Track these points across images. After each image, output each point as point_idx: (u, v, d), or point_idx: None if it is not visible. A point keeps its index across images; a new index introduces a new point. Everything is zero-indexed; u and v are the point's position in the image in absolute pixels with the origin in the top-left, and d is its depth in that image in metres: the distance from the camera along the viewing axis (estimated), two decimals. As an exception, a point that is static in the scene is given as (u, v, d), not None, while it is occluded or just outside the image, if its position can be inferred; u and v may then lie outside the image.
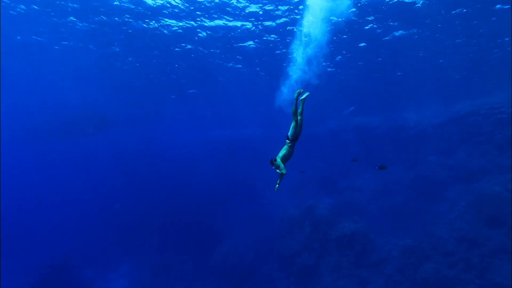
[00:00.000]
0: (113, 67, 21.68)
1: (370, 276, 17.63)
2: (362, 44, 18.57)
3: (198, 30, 16.52)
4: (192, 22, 15.76)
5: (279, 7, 14.47)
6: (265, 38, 17.53)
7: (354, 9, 14.32)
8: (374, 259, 18.39)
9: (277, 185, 4.79)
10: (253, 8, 14.65)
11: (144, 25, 15.90)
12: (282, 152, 4.68)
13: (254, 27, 16.39)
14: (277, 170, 4.52)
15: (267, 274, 21.09)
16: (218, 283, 21.56)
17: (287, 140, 4.69)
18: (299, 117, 4.52)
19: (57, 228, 34.70)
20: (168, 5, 14.19)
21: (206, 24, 15.93)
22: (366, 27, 16.43)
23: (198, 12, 14.86)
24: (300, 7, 14.25)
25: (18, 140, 40.97)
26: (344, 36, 17.40)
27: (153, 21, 15.63)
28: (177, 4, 14.11)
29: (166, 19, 15.48)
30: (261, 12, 15.00)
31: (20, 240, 33.39)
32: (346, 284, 17.23)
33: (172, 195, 33.42)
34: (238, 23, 16.01)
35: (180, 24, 15.87)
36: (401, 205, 22.93)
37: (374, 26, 16.32)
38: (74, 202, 40.90)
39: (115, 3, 13.95)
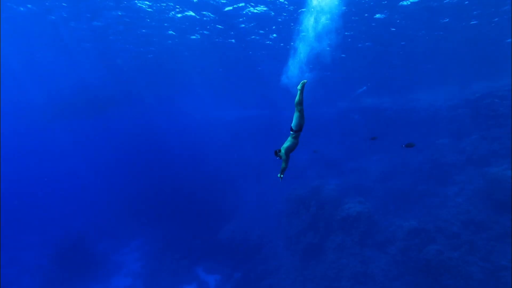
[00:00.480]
0: (115, 46, 21.45)
1: (373, 255, 18.00)
2: (378, 16, 17.48)
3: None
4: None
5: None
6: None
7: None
8: (378, 239, 18.67)
9: (280, 175, 4.68)
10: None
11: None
12: (287, 143, 4.63)
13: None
14: (283, 164, 4.53)
15: (273, 252, 21.81)
16: (224, 258, 22.47)
17: (291, 132, 4.60)
18: (299, 107, 4.40)
19: (73, 204, 36.34)
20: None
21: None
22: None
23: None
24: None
25: (37, 118, 41.80)
26: (357, 9, 16.42)
27: None
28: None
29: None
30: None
31: (39, 215, 35.32)
32: (349, 262, 17.65)
33: (182, 173, 34.15)
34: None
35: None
36: (408, 188, 22.85)
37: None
38: (89, 180, 42.36)
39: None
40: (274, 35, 19.81)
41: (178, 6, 15.90)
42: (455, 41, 21.35)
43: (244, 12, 16.72)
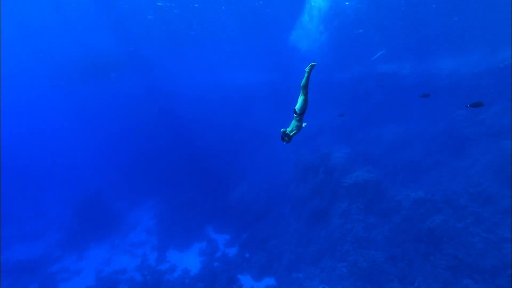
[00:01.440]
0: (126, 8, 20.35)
1: (377, 223, 18.53)
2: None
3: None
4: None
5: None
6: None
7: None
8: (384, 207, 19.03)
9: (288, 131, 4.71)
10: None
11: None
12: (291, 126, 4.65)
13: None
14: (292, 130, 4.64)
15: (279, 215, 22.72)
16: (233, 220, 23.64)
17: (294, 114, 4.54)
18: (303, 90, 4.29)
19: (90, 166, 38.05)
20: None
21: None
22: None
23: None
24: None
25: (57, 81, 41.97)
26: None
27: None
28: None
29: None
30: None
31: (59, 176, 37.36)
32: (353, 228, 18.30)
33: (194, 137, 34.57)
34: None
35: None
36: (418, 158, 22.58)
37: None
38: (105, 143, 43.61)
39: None
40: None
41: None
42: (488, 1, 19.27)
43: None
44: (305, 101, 4.28)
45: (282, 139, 4.63)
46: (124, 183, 32.54)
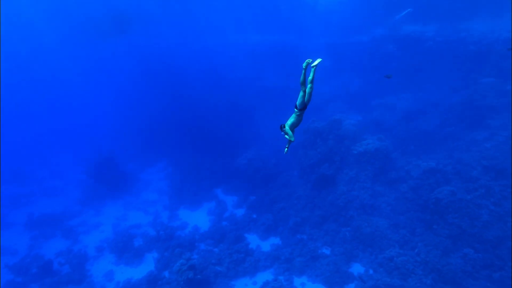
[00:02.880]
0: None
1: (384, 191, 18.69)
2: None
3: None
4: None
5: None
6: None
7: None
8: (392, 176, 19.03)
9: (286, 149, 5.17)
10: None
11: None
12: (291, 120, 4.77)
13: None
14: (286, 136, 4.79)
15: (287, 179, 23.11)
16: (241, 183, 24.27)
17: (295, 109, 4.69)
18: (309, 85, 4.35)
19: (103, 128, 38.81)
20: None
21: None
22: None
23: None
24: None
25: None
26: None
27: None
28: None
29: None
30: None
31: (76, 137, 38.53)
32: (359, 195, 18.54)
33: (204, 100, 34.20)
34: None
35: None
36: (433, 129, 21.90)
37: None
38: (119, 105, 43.84)
39: None
40: None
41: None
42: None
43: None
44: (304, 96, 4.44)
45: (281, 129, 4.81)
46: (136, 145, 33.43)
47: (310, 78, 4.28)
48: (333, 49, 36.65)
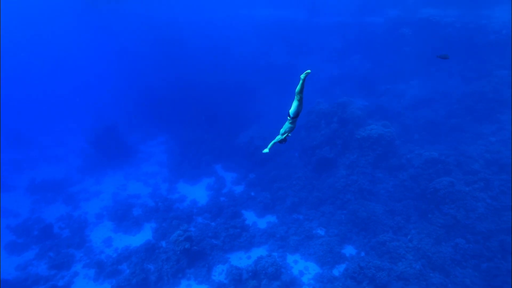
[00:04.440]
0: None
1: (383, 177, 18.74)
2: None
3: None
4: None
5: None
6: None
7: None
8: (393, 163, 18.99)
9: (267, 149, 5.36)
10: None
11: None
12: (284, 128, 5.17)
13: None
14: (278, 136, 5.15)
15: (287, 160, 23.09)
16: (241, 160, 24.30)
17: (288, 117, 4.96)
18: (300, 95, 4.53)
19: (107, 98, 38.38)
20: None
21: None
22: None
23: None
24: None
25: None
26: None
27: None
28: None
29: None
30: None
31: (79, 106, 38.23)
32: (358, 180, 18.61)
33: (208, 76, 33.46)
34: None
35: None
36: (439, 119, 21.53)
37: None
38: (122, 76, 43.03)
39: None
40: None
41: None
42: None
43: None
44: (299, 105, 4.62)
45: (281, 142, 5.21)
46: (139, 117, 33.24)
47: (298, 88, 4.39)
48: (344, 29, 35.21)
